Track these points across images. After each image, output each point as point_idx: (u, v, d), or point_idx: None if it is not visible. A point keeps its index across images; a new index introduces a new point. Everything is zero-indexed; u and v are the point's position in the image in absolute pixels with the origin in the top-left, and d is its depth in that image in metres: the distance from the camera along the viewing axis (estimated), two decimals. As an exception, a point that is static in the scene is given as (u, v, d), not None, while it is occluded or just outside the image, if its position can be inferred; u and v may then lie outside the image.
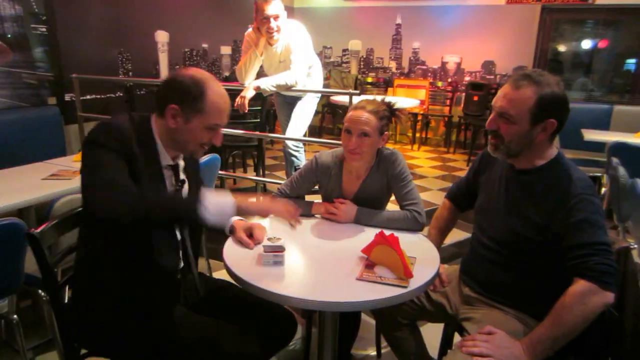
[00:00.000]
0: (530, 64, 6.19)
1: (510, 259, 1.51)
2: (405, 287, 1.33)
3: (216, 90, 1.36)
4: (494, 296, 1.55)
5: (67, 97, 4.28)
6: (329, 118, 7.64)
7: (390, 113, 1.83)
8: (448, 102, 6.80)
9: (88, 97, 4.50)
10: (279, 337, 1.57)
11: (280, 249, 1.42)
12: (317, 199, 1.99)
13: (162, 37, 5.29)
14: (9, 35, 3.82)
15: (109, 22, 4.72)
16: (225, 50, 6.31)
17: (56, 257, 1.46)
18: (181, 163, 1.48)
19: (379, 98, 1.87)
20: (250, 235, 1.58)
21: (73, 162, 2.77)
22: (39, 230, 1.36)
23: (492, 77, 6.53)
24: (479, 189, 1.71)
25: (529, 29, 6.16)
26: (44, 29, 4.05)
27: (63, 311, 1.42)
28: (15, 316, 1.83)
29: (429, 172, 5.68)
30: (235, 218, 1.60)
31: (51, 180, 2.39)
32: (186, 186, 1.50)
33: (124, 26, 4.88)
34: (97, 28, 4.60)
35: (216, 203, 1.28)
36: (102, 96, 4.72)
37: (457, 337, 1.75)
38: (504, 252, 1.52)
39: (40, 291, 1.99)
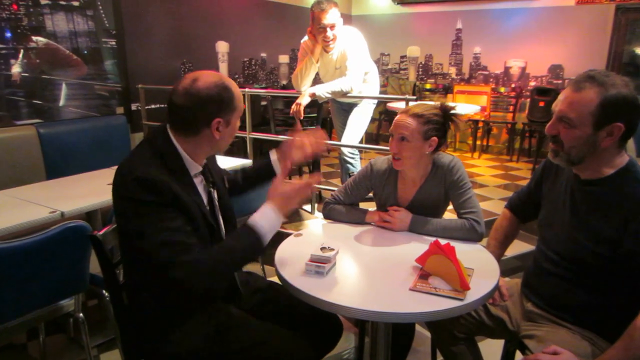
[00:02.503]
0: (602, 68, 5.82)
1: (578, 274, 1.40)
2: (461, 299, 1.26)
3: (233, 82, 1.37)
4: (560, 313, 1.45)
5: (133, 107, 4.51)
6: (386, 125, 7.53)
7: (443, 118, 1.76)
8: (511, 108, 6.53)
9: (152, 106, 4.70)
10: (325, 341, 1.56)
11: (326, 260, 1.40)
12: (371, 206, 1.96)
13: (222, 47, 5.46)
14: (85, 52, 4.08)
15: (172, 34, 4.93)
16: (283, 59, 6.41)
17: (118, 259, 1.51)
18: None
19: (437, 103, 1.81)
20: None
21: (137, 168, 2.88)
22: (101, 232, 1.41)
23: (559, 81, 6.21)
24: (542, 199, 1.60)
25: (601, 31, 5.81)
26: (113, 43, 4.29)
27: (125, 311, 1.45)
28: (81, 314, 1.91)
29: (490, 180, 5.46)
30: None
31: (116, 186, 2.50)
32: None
33: (187, 38, 5.08)
34: (161, 40, 4.82)
35: (269, 227, 1.33)
36: (166, 105, 4.91)
37: (518, 355, 1.65)
38: (571, 267, 1.41)
39: (104, 291, 2.08)
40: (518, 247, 3.49)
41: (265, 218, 1.33)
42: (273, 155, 1.71)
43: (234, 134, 1.43)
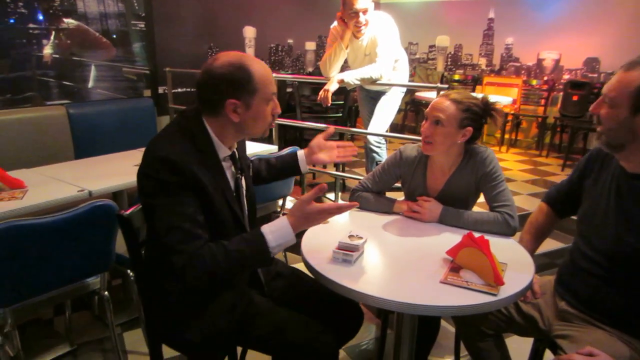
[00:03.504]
0: (641, 61, 5.58)
1: (620, 275, 1.33)
2: (494, 294, 1.21)
3: (256, 63, 1.31)
4: (597, 314, 1.38)
5: (160, 90, 4.54)
6: (412, 116, 7.45)
7: (483, 111, 1.70)
8: (543, 101, 6.35)
9: (179, 90, 4.74)
10: (346, 329, 1.56)
11: (354, 248, 1.37)
12: (398, 197, 1.91)
13: (249, 32, 5.44)
14: (114, 35, 4.10)
15: (200, 18, 4.94)
16: (310, 45, 6.37)
17: (143, 239, 1.51)
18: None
19: (479, 95, 1.75)
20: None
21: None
22: (128, 212, 1.41)
23: (595, 75, 5.99)
24: (583, 193, 1.53)
25: (641, 23, 5.57)
26: (142, 26, 4.31)
27: (147, 292, 1.46)
28: (106, 293, 1.94)
29: (518, 175, 5.35)
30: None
31: (143, 167, 2.52)
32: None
33: (214, 22, 5.09)
34: (189, 24, 4.83)
35: (279, 242, 1.27)
36: (192, 89, 4.92)
37: (547, 354, 1.60)
38: (613, 267, 1.34)
39: (128, 271, 2.10)
40: (548, 245, 3.42)
41: (279, 233, 1.28)
42: (300, 152, 1.70)
43: (262, 118, 1.35)
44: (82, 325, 2.35)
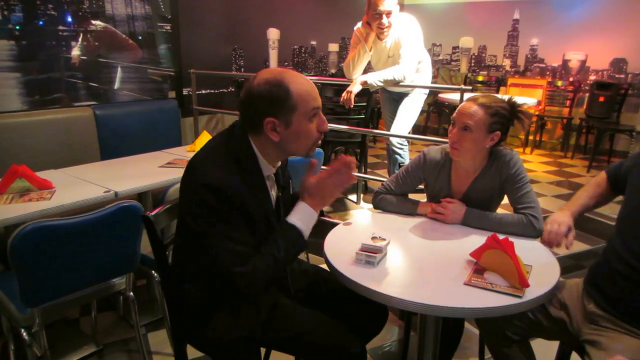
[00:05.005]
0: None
1: None
2: (519, 296, 1.20)
3: (295, 78, 1.27)
4: (627, 318, 1.34)
5: (184, 92, 4.58)
6: (434, 117, 7.38)
7: (510, 113, 1.67)
8: (568, 102, 6.21)
9: (203, 91, 4.77)
10: (369, 328, 1.56)
11: (377, 250, 1.36)
12: (421, 198, 1.89)
13: (273, 34, 5.45)
14: (140, 37, 4.16)
15: (225, 20, 4.97)
16: (333, 47, 6.36)
17: (168, 240, 1.52)
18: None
19: (505, 97, 1.72)
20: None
21: (187, 151, 2.94)
22: (153, 213, 1.42)
23: (622, 76, 5.84)
24: (627, 186, 1.47)
25: (672, 22, 5.40)
26: (168, 28, 4.36)
27: (172, 292, 1.46)
28: (131, 293, 1.96)
29: (543, 177, 5.25)
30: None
31: (167, 168, 2.55)
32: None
33: (239, 24, 5.11)
34: (214, 26, 4.87)
35: (307, 224, 1.33)
36: (216, 91, 4.99)
37: (574, 357, 1.57)
38: None
39: (153, 272, 2.12)
40: (574, 246, 3.33)
41: (299, 214, 1.33)
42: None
43: (304, 136, 1.30)
44: (108, 326, 2.38)
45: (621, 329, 1.34)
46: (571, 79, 6.23)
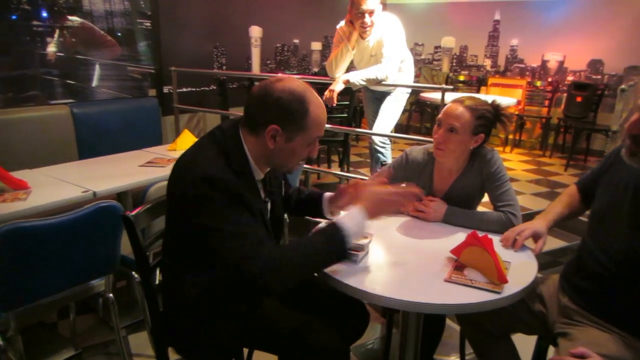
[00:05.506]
0: (645, 64, 5.57)
1: (627, 278, 1.31)
2: (498, 292, 1.22)
3: (317, 102, 1.26)
4: (599, 313, 1.37)
5: (165, 90, 4.52)
6: (417, 116, 7.43)
7: (494, 116, 1.70)
8: (547, 102, 6.32)
9: (184, 89, 4.72)
10: (352, 330, 1.56)
11: (359, 248, 1.36)
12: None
13: (255, 32, 5.41)
14: (119, 34, 4.09)
15: (206, 17, 4.93)
16: (316, 46, 6.35)
17: (148, 241, 1.49)
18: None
19: (489, 98, 1.74)
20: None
21: (168, 150, 2.90)
22: (133, 213, 1.40)
23: (599, 77, 5.97)
24: (598, 187, 1.49)
25: (647, 25, 5.53)
26: (148, 24, 4.30)
27: (153, 293, 1.44)
28: (111, 295, 1.92)
29: (522, 175, 5.34)
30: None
31: (147, 167, 2.51)
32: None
33: (220, 22, 5.07)
34: (195, 23, 4.82)
35: (355, 236, 1.27)
36: (197, 89, 4.94)
37: (551, 351, 1.60)
38: (620, 270, 1.32)
39: (133, 273, 2.09)
40: (552, 243, 3.42)
41: (351, 219, 1.26)
42: (326, 195, 1.62)
43: (297, 156, 1.30)
44: (87, 329, 2.33)
45: (592, 323, 1.37)
46: (550, 80, 6.34)
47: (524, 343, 1.72)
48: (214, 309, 1.35)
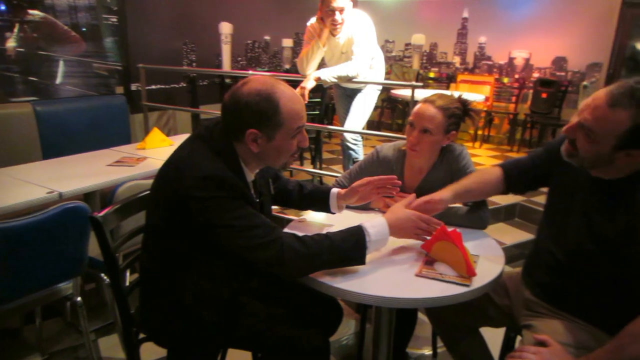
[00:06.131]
0: (606, 61, 5.77)
1: (579, 272, 1.36)
2: (467, 285, 1.27)
3: (287, 94, 1.25)
4: (559, 305, 1.42)
5: (133, 87, 4.43)
6: (388, 113, 7.49)
7: (463, 112, 1.74)
8: (514, 99, 6.48)
9: (153, 87, 4.63)
10: (326, 327, 1.57)
11: None
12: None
13: (226, 28, 5.35)
14: (84, 29, 3.97)
15: (175, 13, 4.84)
16: (287, 43, 6.32)
17: (117, 242, 1.46)
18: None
19: (455, 94, 1.78)
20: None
21: (137, 149, 2.84)
22: (101, 214, 1.37)
23: (563, 73, 6.14)
24: (549, 181, 1.53)
25: (607, 24, 5.73)
26: (114, 20, 4.19)
27: (124, 295, 1.43)
28: (79, 298, 1.88)
29: (492, 171, 5.43)
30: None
31: (115, 167, 2.46)
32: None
33: (190, 17, 4.99)
34: (164, 19, 4.73)
35: (377, 244, 1.31)
36: (167, 86, 4.85)
37: (519, 341, 1.63)
38: (572, 264, 1.37)
39: (102, 275, 2.04)
40: (519, 236, 3.51)
41: (376, 228, 1.31)
42: (334, 190, 1.64)
43: (285, 151, 1.31)
44: (54, 334, 2.27)
45: (553, 314, 1.42)
46: (516, 76, 6.49)
47: (493, 334, 1.76)
48: (186, 299, 1.34)
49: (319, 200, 1.64)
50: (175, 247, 1.30)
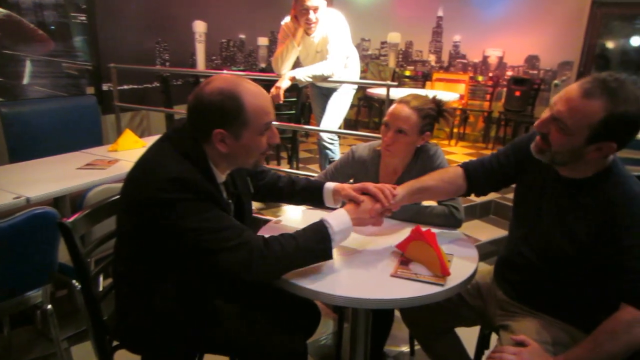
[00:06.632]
0: (577, 59, 5.90)
1: (550, 270, 1.38)
2: (442, 285, 1.27)
3: (251, 91, 1.23)
4: (532, 304, 1.44)
5: (104, 87, 4.34)
6: (365, 111, 7.52)
7: (437, 113, 1.76)
8: (488, 97, 6.58)
9: (125, 87, 4.55)
10: (304, 329, 1.57)
11: None
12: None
13: (200, 27, 5.28)
14: (52, 27, 3.87)
15: (147, 11, 4.77)
16: (263, 41, 6.28)
17: (89, 247, 1.43)
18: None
19: (430, 94, 1.79)
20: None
21: (109, 151, 2.78)
22: (70, 219, 1.33)
23: (535, 72, 6.26)
24: (516, 181, 1.54)
25: (577, 23, 5.86)
26: (83, 18, 4.09)
27: (96, 302, 1.39)
28: (49, 306, 1.83)
29: (467, 168, 5.50)
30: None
31: (86, 170, 2.40)
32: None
33: (162, 16, 4.92)
34: (135, 17, 4.65)
35: (341, 234, 1.32)
36: (139, 86, 4.77)
37: (493, 337, 1.66)
38: (543, 262, 1.39)
39: (74, 281, 1.99)
40: (493, 233, 3.55)
41: (338, 219, 1.32)
42: (328, 185, 1.61)
43: (255, 149, 1.28)
44: (24, 343, 2.20)
45: (527, 313, 1.44)
46: (490, 75, 6.59)
47: (468, 332, 1.78)
48: (180, 311, 1.32)
49: (312, 195, 1.63)
50: (147, 252, 1.27)
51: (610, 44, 6.04)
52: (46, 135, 3.36)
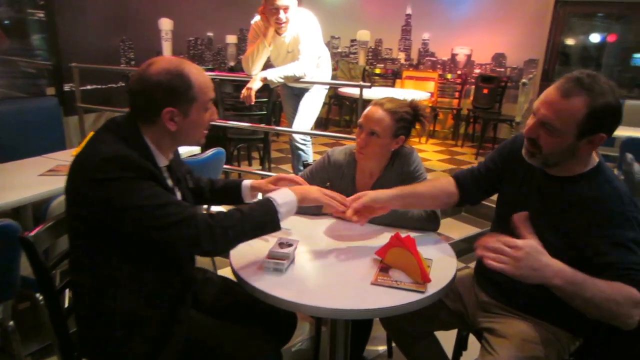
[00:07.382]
0: (541, 57, 6.06)
1: None
2: (422, 292, 1.26)
3: (195, 68, 1.28)
4: (517, 306, 1.44)
5: (66, 87, 4.18)
6: (335, 110, 7.51)
7: (413, 117, 1.74)
8: (457, 94, 6.68)
9: (88, 87, 4.41)
10: (280, 335, 1.55)
11: (285, 256, 1.36)
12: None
13: (166, 25, 5.15)
14: (7, 22, 3.69)
15: (110, 8, 4.63)
16: (231, 39, 6.18)
17: (53, 261, 1.35)
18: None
19: (408, 98, 1.78)
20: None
21: (72, 156, 2.66)
22: (32, 233, 1.26)
23: (502, 69, 6.40)
24: (501, 182, 1.54)
25: (542, 22, 6.02)
26: (41, 15, 3.92)
27: (62, 316, 1.33)
28: (11, 323, 1.74)
29: (437, 165, 5.58)
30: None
31: (49, 177, 2.28)
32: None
33: (127, 13, 4.79)
34: (98, 14, 4.51)
35: (286, 206, 1.32)
36: (103, 86, 4.63)
37: (471, 338, 1.68)
38: None
39: (37, 295, 1.89)
40: (466, 230, 3.59)
41: (281, 195, 1.34)
42: (246, 182, 1.64)
43: (200, 126, 1.32)
44: (-17, 360, 2.09)
45: (511, 314, 1.44)
46: (459, 72, 6.69)
47: (446, 333, 1.78)
48: (133, 323, 1.27)
49: (231, 192, 1.66)
50: (100, 250, 1.22)
51: (572, 41, 6.23)
52: (3, 139, 3.19)
